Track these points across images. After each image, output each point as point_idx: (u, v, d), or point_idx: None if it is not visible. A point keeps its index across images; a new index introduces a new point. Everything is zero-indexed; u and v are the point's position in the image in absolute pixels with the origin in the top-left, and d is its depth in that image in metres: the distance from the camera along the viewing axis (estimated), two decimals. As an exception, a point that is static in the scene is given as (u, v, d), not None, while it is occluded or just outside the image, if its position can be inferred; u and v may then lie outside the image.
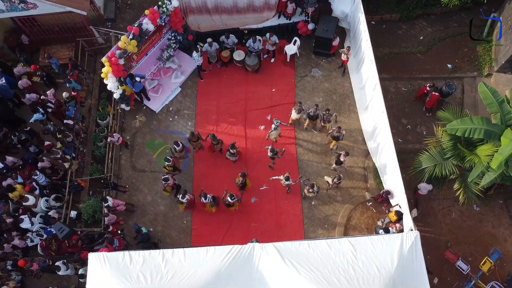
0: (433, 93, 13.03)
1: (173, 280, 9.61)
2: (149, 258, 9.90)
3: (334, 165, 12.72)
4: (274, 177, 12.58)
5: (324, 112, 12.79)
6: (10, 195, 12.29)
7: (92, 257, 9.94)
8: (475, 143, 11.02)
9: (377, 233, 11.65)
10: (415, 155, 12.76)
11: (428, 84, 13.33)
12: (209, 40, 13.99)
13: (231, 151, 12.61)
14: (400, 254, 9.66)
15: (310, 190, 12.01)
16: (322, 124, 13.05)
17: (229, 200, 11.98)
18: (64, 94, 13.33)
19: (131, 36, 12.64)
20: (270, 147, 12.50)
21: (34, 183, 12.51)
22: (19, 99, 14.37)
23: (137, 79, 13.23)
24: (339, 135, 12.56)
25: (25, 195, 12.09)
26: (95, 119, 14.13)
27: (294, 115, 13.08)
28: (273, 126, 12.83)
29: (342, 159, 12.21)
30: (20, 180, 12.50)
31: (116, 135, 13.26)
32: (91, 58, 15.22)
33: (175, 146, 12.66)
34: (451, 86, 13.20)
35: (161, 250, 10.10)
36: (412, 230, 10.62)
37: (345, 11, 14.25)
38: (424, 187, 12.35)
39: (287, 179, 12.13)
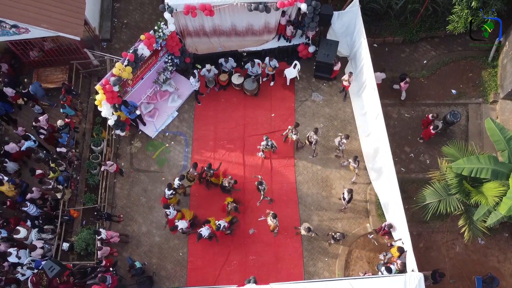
0: (431, 128, 12.66)
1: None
2: (142, 301, 9.58)
3: (343, 201, 12.42)
4: (261, 218, 12.49)
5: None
6: None
7: (83, 300, 9.61)
8: (481, 180, 10.61)
9: (379, 270, 11.27)
10: (418, 185, 12.41)
11: (431, 115, 12.92)
12: (208, 67, 13.63)
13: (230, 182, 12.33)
14: (404, 299, 9.35)
15: (308, 233, 11.77)
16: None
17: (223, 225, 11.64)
18: (59, 122, 12.93)
19: (126, 63, 12.23)
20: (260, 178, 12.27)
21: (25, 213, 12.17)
22: (9, 117, 14.13)
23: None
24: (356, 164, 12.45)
25: (17, 228, 11.71)
26: (89, 145, 13.73)
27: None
28: (263, 143, 12.61)
29: (345, 195, 11.99)
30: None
31: (110, 163, 12.85)
32: (85, 79, 14.84)
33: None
34: (456, 115, 12.81)
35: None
36: (413, 271, 10.29)
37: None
38: (379, 77, 13.06)
39: (274, 216, 11.78)
